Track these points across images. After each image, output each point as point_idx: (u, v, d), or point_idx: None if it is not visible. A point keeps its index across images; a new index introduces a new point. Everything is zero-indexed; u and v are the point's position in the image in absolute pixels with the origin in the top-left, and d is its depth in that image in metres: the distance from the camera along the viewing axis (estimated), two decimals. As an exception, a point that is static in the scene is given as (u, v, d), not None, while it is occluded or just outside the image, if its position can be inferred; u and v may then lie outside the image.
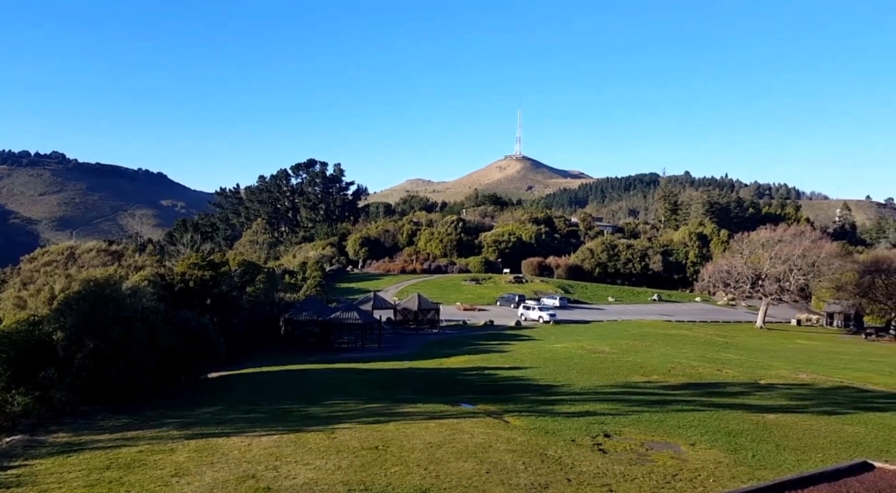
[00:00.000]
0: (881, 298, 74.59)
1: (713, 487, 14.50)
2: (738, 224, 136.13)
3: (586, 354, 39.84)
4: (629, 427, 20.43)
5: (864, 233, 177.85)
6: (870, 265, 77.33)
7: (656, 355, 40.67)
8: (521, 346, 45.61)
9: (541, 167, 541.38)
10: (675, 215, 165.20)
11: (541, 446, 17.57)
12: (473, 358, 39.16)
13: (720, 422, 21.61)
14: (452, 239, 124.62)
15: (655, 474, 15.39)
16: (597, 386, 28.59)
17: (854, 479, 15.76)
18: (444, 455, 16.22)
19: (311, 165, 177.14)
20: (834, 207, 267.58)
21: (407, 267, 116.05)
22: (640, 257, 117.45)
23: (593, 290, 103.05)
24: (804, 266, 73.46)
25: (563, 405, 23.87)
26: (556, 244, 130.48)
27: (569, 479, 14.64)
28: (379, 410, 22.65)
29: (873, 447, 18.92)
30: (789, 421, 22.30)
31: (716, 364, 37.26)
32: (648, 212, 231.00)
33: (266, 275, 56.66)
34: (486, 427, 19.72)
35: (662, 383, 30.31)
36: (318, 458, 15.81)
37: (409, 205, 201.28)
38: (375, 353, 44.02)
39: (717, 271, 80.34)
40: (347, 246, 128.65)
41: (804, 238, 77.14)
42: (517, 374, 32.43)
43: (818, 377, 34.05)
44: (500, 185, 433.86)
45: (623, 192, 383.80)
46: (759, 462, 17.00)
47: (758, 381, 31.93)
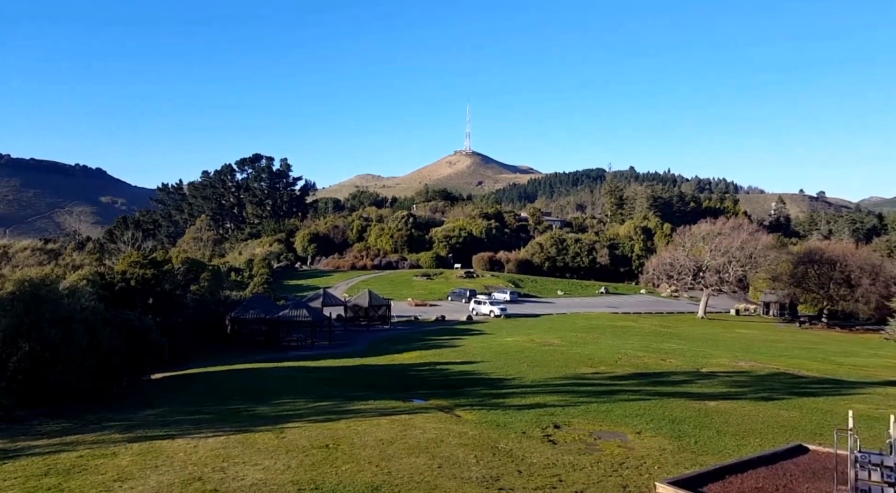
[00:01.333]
0: (814, 287, 78.07)
1: (658, 473, 14.91)
2: (680, 218, 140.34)
3: (536, 347, 40.40)
4: (578, 418, 20.81)
5: (798, 225, 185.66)
6: (803, 256, 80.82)
7: (604, 346, 41.56)
8: (472, 340, 45.90)
9: (490, 162, 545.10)
10: (620, 210, 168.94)
11: (492, 439, 17.73)
12: (425, 353, 39.20)
13: (664, 410, 22.24)
14: (403, 234, 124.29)
15: (603, 462, 15.74)
16: (547, 379, 29.02)
17: (790, 462, 16.50)
18: (395, 451, 16.19)
19: (257, 160, 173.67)
20: (769, 200, 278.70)
21: (357, 263, 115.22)
22: (588, 251, 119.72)
23: (543, 284, 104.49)
24: (742, 258, 76.22)
25: (513, 398, 24.15)
26: (506, 239, 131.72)
27: (520, 471, 14.82)
28: (329, 408, 22.43)
29: (807, 431, 19.78)
30: (729, 407, 23.12)
31: (660, 354, 38.32)
32: (595, 206, 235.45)
33: (211, 273, 55.34)
34: (437, 422, 19.78)
35: (610, 373, 31.00)
36: (266, 458, 15.55)
37: (359, 200, 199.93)
38: (325, 350, 43.56)
39: (660, 263, 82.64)
40: (296, 242, 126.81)
41: (742, 231, 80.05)
42: (469, 368, 32.64)
43: (756, 365, 35.41)
44: (450, 180, 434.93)
45: (571, 187, 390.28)
46: (701, 448, 17.58)
47: (700, 369, 32.99)
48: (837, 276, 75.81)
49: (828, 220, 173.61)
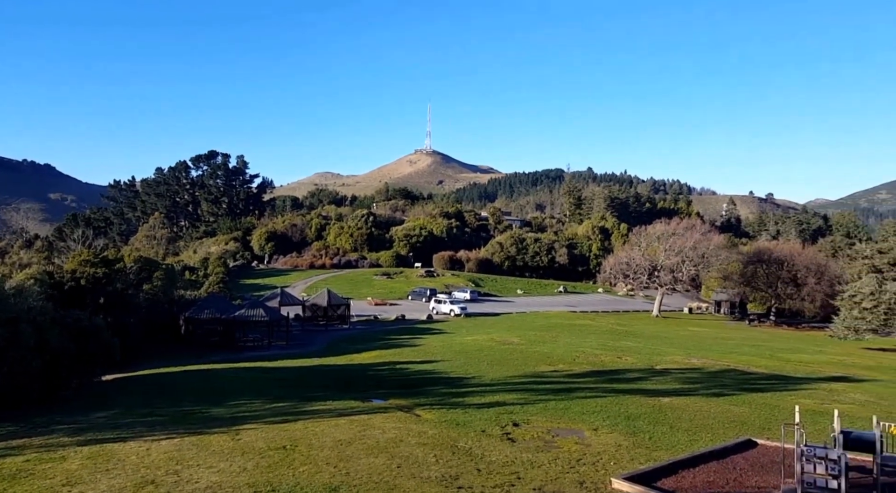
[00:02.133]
0: (763, 286, 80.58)
1: (614, 469, 15.19)
2: (636, 218, 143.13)
3: (496, 346, 40.66)
4: (537, 416, 21.04)
5: (748, 226, 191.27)
6: (752, 256, 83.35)
7: (562, 344, 42.09)
8: (432, 339, 45.93)
9: (451, 162, 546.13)
10: (579, 210, 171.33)
11: (451, 438, 17.78)
12: (385, 353, 39.06)
13: (620, 407, 22.65)
14: (363, 233, 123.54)
15: (561, 459, 15.95)
16: (506, 377, 29.24)
17: (740, 456, 17.01)
18: (354, 452, 16.10)
19: (213, 156, 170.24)
20: (721, 201, 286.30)
21: (316, 262, 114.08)
22: (547, 251, 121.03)
23: (503, 283, 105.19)
24: (695, 257, 78.16)
25: (473, 397, 24.26)
26: (466, 238, 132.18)
27: (479, 469, 14.91)
28: (286, 409, 22.16)
29: (756, 426, 20.40)
30: (682, 404, 23.69)
31: (616, 352, 39.01)
32: (554, 206, 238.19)
33: (164, 272, 54.06)
34: (397, 422, 19.74)
35: (568, 371, 31.42)
36: (221, 460, 15.28)
37: (318, 198, 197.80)
38: (283, 351, 43.00)
39: (617, 263, 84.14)
40: (252, 241, 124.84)
41: (695, 231, 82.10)
42: (428, 367, 32.66)
43: (707, 362, 36.35)
44: (410, 179, 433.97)
45: (531, 187, 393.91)
46: (655, 444, 17.96)
47: (654, 367, 33.70)
48: (785, 275, 78.39)
49: (776, 221, 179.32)
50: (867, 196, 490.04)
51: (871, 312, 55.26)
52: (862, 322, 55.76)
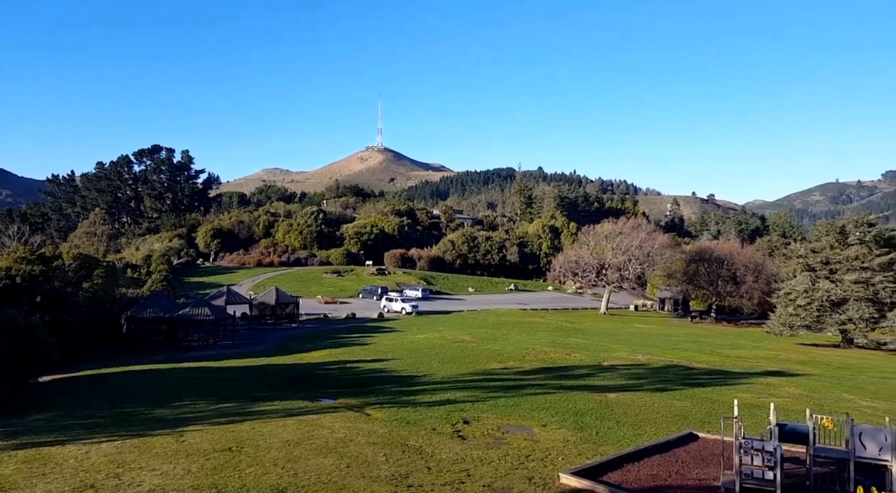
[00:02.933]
0: (704, 284, 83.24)
1: (562, 464, 15.43)
2: (585, 217, 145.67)
3: (447, 344, 40.75)
4: (487, 413, 21.19)
5: (691, 226, 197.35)
6: (695, 255, 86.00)
7: (513, 342, 42.51)
8: (383, 338, 45.72)
9: (403, 159, 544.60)
10: (529, 209, 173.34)
11: (402, 436, 17.74)
12: (334, 352, 38.67)
13: (568, 403, 23.03)
14: (313, 231, 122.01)
15: (510, 456, 16.11)
16: (457, 375, 29.34)
17: (682, 449, 17.51)
18: (302, 452, 15.89)
19: (157, 151, 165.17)
20: (665, 202, 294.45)
21: (264, 260, 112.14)
22: (499, 249, 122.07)
23: (454, 281, 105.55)
24: (641, 256, 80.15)
25: (424, 395, 24.26)
26: (418, 236, 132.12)
27: (429, 467, 14.92)
28: (233, 409, 21.70)
29: (698, 420, 21.05)
30: (628, 399, 24.25)
31: (565, 349, 39.64)
32: (506, 205, 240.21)
33: (105, 269, 52.17)
34: (346, 421, 19.57)
35: (518, 368, 31.74)
36: (165, 463, 14.86)
37: (266, 195, 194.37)
38: (229, 350, 42.07)
39: (566, 261, 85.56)
40: (198, 238, 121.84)
41: (641, 231, 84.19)
42: (379, 366, 32.49)
43: (652, 358, 37.31)
44: (361, 176, 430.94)
45: (482, 185, 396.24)
46: (602, 438, 18.33)
47: (601, 363, 34.39)
48: (725, 273, 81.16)
49: (717, 221, 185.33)
50: (802, 198, 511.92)
51: (805, 309, 57.77)
52: (796, 319, 58.25)
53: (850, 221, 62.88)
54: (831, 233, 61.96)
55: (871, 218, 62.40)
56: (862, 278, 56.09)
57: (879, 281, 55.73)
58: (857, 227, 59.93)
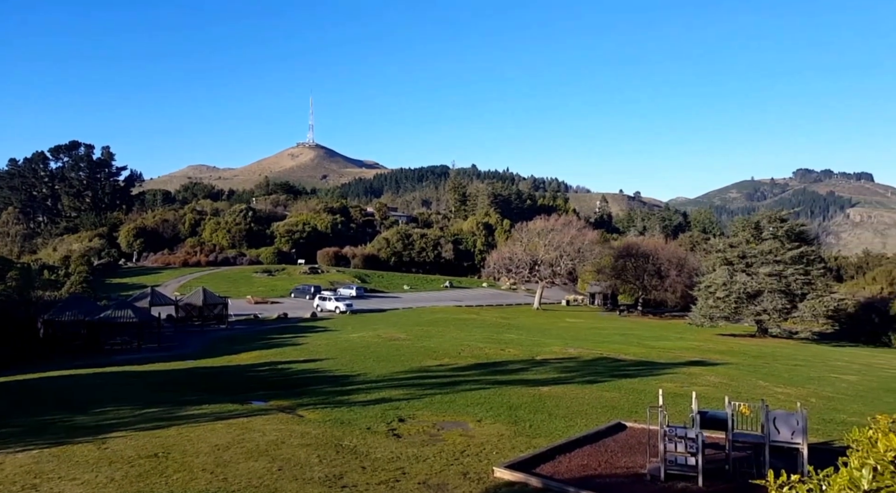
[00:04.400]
0: (631, 279, 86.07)
1: (496, 458, 15.62)
2: (518, 214, 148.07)
3: (382, 342, 40.55)
4: (422, 410, 21.21)
5: (618, 222, 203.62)
6: (622, 251, 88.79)
7: (448, 339, 42.71)
8: (316, 338, 45.06)
9: (335, 156, 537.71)
10: (464, 206, 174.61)
11: (336, 437, 17.54)
12: (265, 353, 37.82)
13: (503, 398, 23.34)
14: (241, 229, 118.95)
15: (445, 452, 16.18)
16: (392, 373, 29.24)
17: (611, 439, 18.04)
18: (232, 456, 15.47)
19: (75, 147, 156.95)
20: (595, 199, 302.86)
21: (190, 259, 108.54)
22: (434, 246, 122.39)
23: (389, 278, 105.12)
24: (572, 252, 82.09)
25: (359, 394, 24.05)
26: (352, 234, 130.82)
27: (363, 467, 14.81)
28: (158, 414, 20.89)
29: (626, 410, 21.74)
30: (560, 392, 24.80)
31: (500, 344, 40.15)
32: (440, 202, 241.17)
33: (20, 271, 49.37)
34: (278, 424, 19.18)
35: (453, 365, 31.93)
36: (86, 472, 14.16)
37: (192, 192, 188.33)
38: (154, 353, 40.51)
39: (500, 258, 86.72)
40: (120, 238, 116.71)
41: (572, 227, 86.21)
42: (312, 366, 32.00)
43: (583, 351, 38.30)
44: (292, 173, 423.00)
45: (417, 183, 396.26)
46: (535, 431, 18.67)
47: (535, 357, 35.03)
48: (650, 268, 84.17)
49: (643, 217, 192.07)
50: (720, 195, 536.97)
51: (724, 301, 60.59)
52: (716, 311, 61.02)
53: (764, 216, 66.38)
54: (747, 228, 65.25)
55: (783, 214, 66.04)
56: (775, 271, 59.29)
57: (791, 274, 59.07)
58: (771, 222, 63.32)
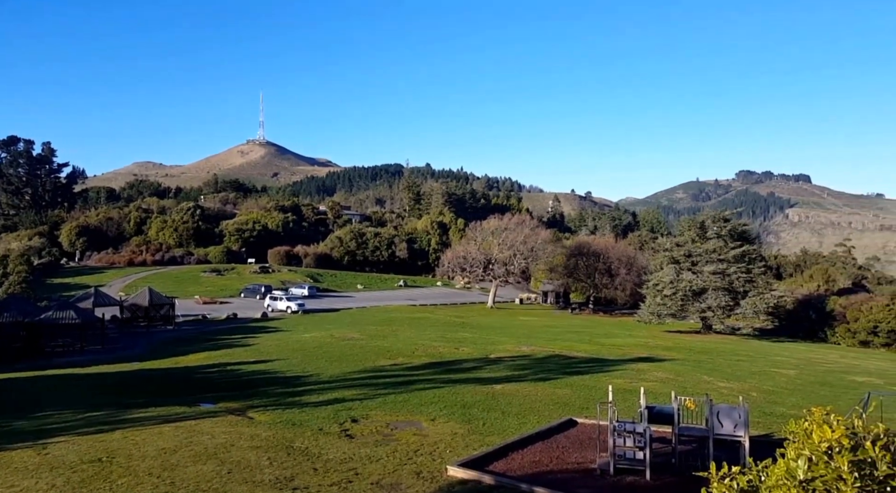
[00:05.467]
0: (583, 277, 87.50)
1: (450, 457, 15.69)
2: (472, 213, 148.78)
3: (335, 342, 40.18)
4: (376, 410, 21.12)
5: (570, 221, 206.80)
6: (574, 249, 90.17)
7: (402, 338, 42.62)
8: (267, 338, 44.34)
9: (287, 154, 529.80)
10: (418, 205, 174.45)
11: (287, 439, 17.31)
12: (214, 354, 37.02)
13: (456, 396, 23.44)
14: (189, 227, 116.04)
15: (399, 452, 16.16)
16: (345, 373, 29.02)
17: (562, 435, 18.33)
18: (180, 460, 15.11)
19: (13, 143, 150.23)
20: (547, 198, 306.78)
21: (136, 259, 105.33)
22: (387, 245, 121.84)
23: (343, 278, 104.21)
24: (525, 251, 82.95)
25: (311, 395, 23.79)
26: (304, 233, 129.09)
27: (315, 468, 14.67)
28: (102, 418, 20.24)
29: (577, 406, 22.13)
30: (513, 390, 25.06)
31: (454, 343, 40.29)
32: (394, 201, 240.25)
33: (-51, 271, 46.88)
34: (228, 426, 18.82)
35: (407, 364, 31.89)
36: (26, 478, 13.61)
37: (138, 190, 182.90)
38: (98, 356, 39.18)
39: (455, 257, 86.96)
40: (61, 236, 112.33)
41: (525, 226, 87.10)
42: (263, 367, 31.49)
43: (536, 349, 38.78)
44: (242, 170, 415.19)
45: (370, 181, 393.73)
46: (488, 429, 18.83)
47: (488, 356, 35.29)
48: (601, 267, 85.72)
49: (594, 217, 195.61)
50: (667, 195, 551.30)
51: (671, 298, 62.21)
52: (663, 308, 62.60)
53: (708, 216, 68.44)
54: (692, 228, 67.17)
55: (726, 214, 68.23)
56: (719, 270, 61.21)
57: (734, 272, 61.08)
58: (715, 222, 65.33)
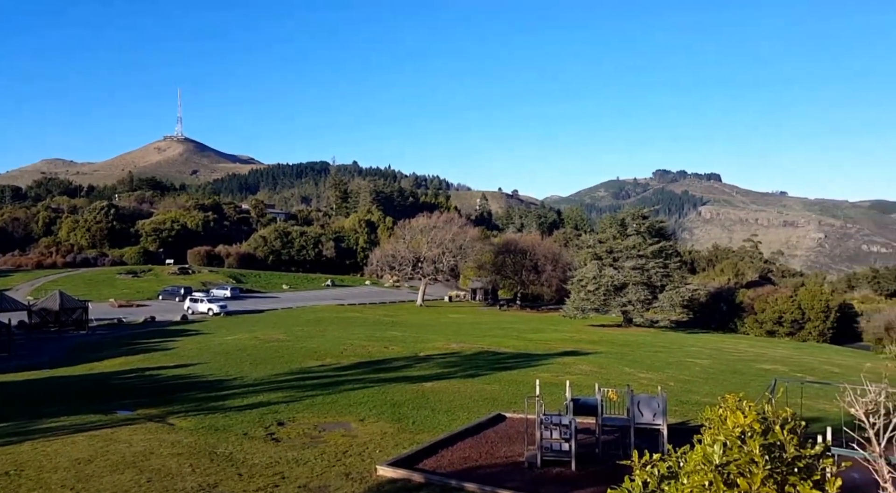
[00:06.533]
0: (510, 274, 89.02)
1: (379, 457, 15.59)
2: (401, 212, 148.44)
3: (260, 344, 39.19)
4: (303, 412, 20.74)
5: (498, 219, 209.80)
6: (502, 247, 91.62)
7: (330, 338, 42.05)
8: (188, 341, 42.75)
9: (207, 150, 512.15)
10: (345, 203, 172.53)
11: (210, 444, 16.75)
12: (131, 359, 35.38)
13: (386, 395, 23.33)
14: (103, 228, 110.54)
15: (327, 454, 15.93)
16: (271, 375, 28.35)
17: (491, 430, 18.56)
18: (95, 470, 14.35)
19: None
20: (475, 197, 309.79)
21: (45, 261, 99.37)
22: (314, 244, 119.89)
23: (267, 278, 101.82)
24: (454, 249, 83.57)
25: (234, 399, 23.10)
26: (226, 232, 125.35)
27: (240, 474, 14.26)
28: (10, 429, 18.95)
29: (505, 402, 22.46)
30: (442, 387, 25.18)
31: (383, 342, 40.08)
32: (321, 199, 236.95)
33: None
34: (147, 433, 18.02)
35: (336, 365, 31.47)
36: (-83, 502, 12.59)
37: (46, 188, 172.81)
38: (4, 363, 36.67)
39: (383, 255, 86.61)
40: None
41: (453, 224, 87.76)
42: (184, 372, 30.33)
43: (465, 346, 39.12)
44: (159, 168, 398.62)
45: (295, 179, 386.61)
46: (418, 427, 18.83)
47: (418, 354, 35.32)
48: (528, 263, 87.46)
49: (521, 215, 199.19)
50: (590, 193, 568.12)
51: (594, 293, 64.22)
52: (587, 303, 64.55)
53: (628, 214, 71.08)
54: (614, 225, 69.57)
55: (644, 212, 71.01)
56: (638, 265, 63.65)
57: (652, 267, 63.67)
58: (634, 219, 67.88)
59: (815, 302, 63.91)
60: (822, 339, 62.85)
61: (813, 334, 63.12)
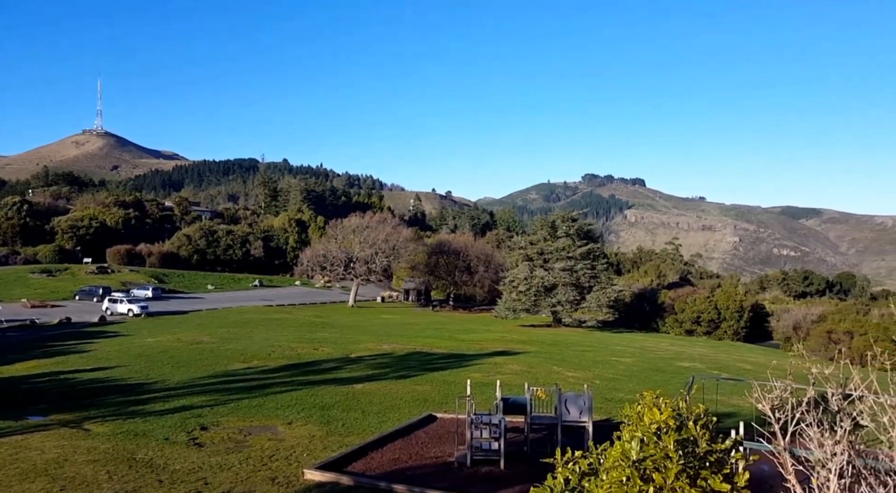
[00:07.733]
0: (444, 274, 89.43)
1: (307, 460, 15.36)
2: (332, 211, 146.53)
3: (183, 346, 37.86)
4: (227, 416, 20.19)
5: (431, 220, 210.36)
6: (435, 248, 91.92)
7: (257, 340, 41.07)
8: (106, 344, 40.81)
9: (128, 145, 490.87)
10: (275, 202, 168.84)
11: (129, 450, 16.07)
12: (44, 362, 33.47)
13: (315, 398, 22.99)
14: (15, 224, 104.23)
15: (252, 458, 15.57)
16: (194, 379, 27.43)
17: (422, 431, 18.60)
18: (2, 479, 13.53)
19: None
20: (409, 197, 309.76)
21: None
22: (241, 243, 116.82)
23: (191, 278, 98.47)
24: (387, 249, 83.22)
25: (155, 404, 22.24)
26: (147, 230, 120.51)
27: (160, 480, 13.75)
28: None
29: (436, 402, 22.55)
30: (373, 388, 25.04)
31: (313, 344, 39.48)
32: (249, 198, 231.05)
33: None
34: (60, 440, 17.10)
35: (263, 367, 30.77)
36: None
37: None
38: None
39: (314, 255, 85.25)
40: None
41: (387, 225, 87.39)
42: (101, 375, 28.94)
43: (396, 346, 39.03)
44: (78, 162, 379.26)
45: (222, 176, 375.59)
46: (348, 430, 18.66)
47: (349, 355, 34.98)
48: (461, 264, 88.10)
49: (454, 216, 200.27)
50: (522, 196, 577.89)
51: (525, 294, 65.33)
52: (518, 303, 65.60)
53: (558, 217, 72.66)
54: (544, 227, 70.99)
55: (573, 214, 72.80)
56: (567, 266, 65.20)
57: (580, 268, 65.35)
58: (564, 222, 69.49)
59: (730, 303, 67.20)
60: (736, 337, 66.18)
61: (728, 333, 66.36)
